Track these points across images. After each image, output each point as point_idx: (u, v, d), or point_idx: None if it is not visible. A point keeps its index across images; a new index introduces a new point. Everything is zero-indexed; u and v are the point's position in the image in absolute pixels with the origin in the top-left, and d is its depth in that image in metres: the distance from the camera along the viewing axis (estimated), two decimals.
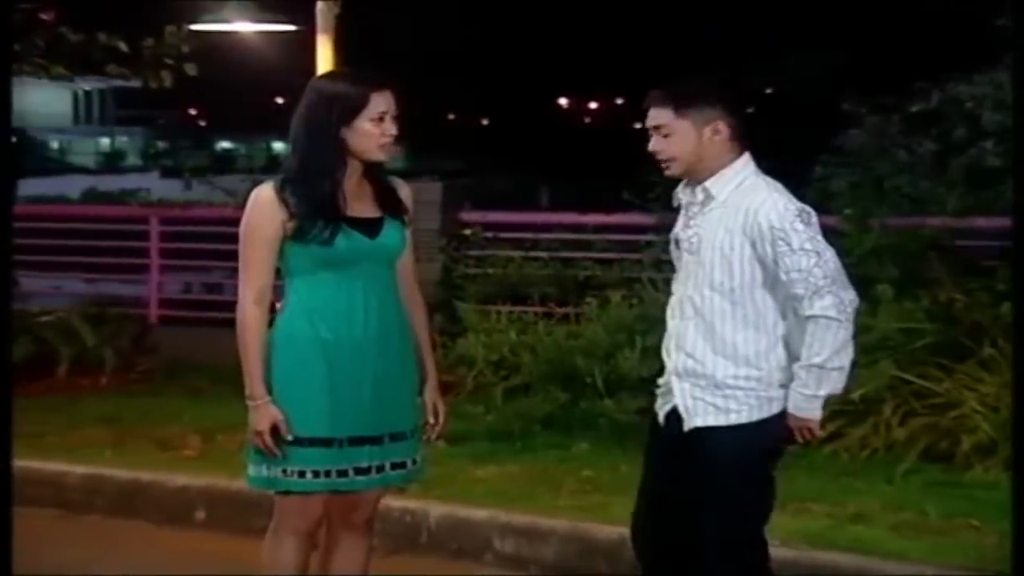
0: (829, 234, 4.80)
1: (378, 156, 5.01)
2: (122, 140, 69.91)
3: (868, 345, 8.36)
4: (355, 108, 4.92)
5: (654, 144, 4.88)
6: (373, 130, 4.94)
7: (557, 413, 8.89)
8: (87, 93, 68.39)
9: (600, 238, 10.77)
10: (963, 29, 11.32)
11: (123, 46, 10.72)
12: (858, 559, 6.48)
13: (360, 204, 5.01)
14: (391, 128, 4.98)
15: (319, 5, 8.30)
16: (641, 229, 10.08)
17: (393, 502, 7.16)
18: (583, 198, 15.49)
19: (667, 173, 4.94)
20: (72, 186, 26.10)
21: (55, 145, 67.37)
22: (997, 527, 6.60)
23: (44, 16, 10.88)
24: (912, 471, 7.75)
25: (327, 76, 5.22)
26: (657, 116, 4.86)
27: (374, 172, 5.07)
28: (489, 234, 10.87)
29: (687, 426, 4.87)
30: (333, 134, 4.92)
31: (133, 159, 64.65)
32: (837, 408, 8.18)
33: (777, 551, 6.42)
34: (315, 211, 4.91)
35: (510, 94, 60.00)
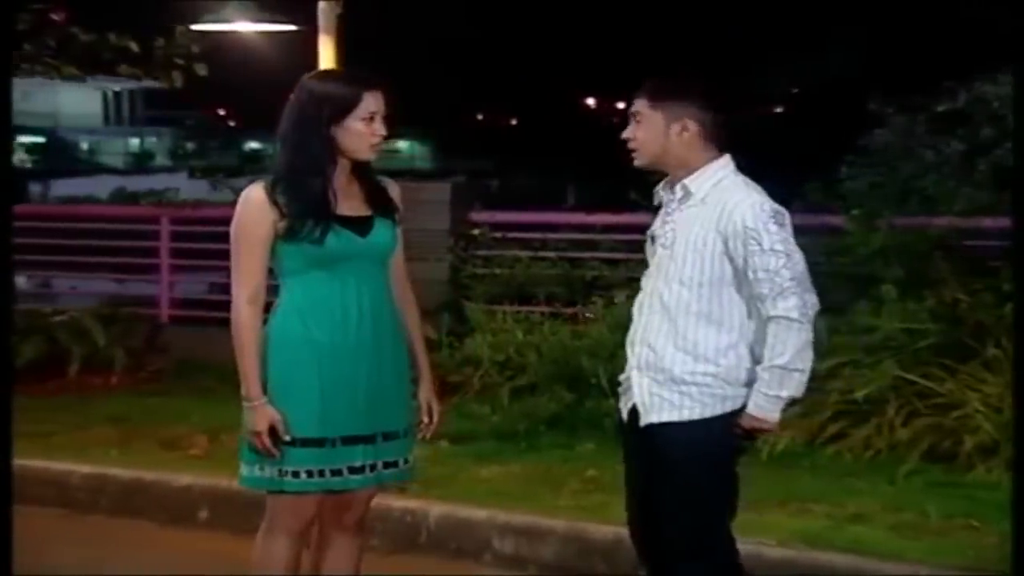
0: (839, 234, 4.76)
1: (369, 155, 5.03)
2: (151, 140, 70.18)
3: (872, 345, 8.39)
4: (346, 107, 4.94)
5: (627, 131, 4.97)
6: (364, 130, 4.96)
7: (562, 413, 8.89)
8: (117, 94, 68.69)
9: (607, 238, 10.75)
10: (989, 29, 11.28)
11: (134, 46, 10.74)
12: (854, 559, 6.47)
13: (350, 203, 5.03)
14: (381, 128, 5.00)
15: (320, 4, 8.30)
16: (647, 229, 10.06)
17: (394, 502, 7.20)
18: (610, 197, 15.46)
19: (635, 163, 4.99)
20: (102, 186, 26.19)
21: (85, 146, 67.70)
22: (997, 527, 6.58)
23: (55, 16, 10.89)
24: (914, 471, 7.73)
25: (318, 75, 5.21)
26: (636, 104, 4.94)
27: (363, 171, 5.09)
28: (498, 234, 10.85)
29: (643, 421, 4.90)
30: (324, 133, 4.94)
31: (162, 159, 64.84)
32: (841, 408, 8.23)
33: (774, 551, 6.50)
34: (306, 210, 4.93)
35: (538, 94, 59.91)
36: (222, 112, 65.76)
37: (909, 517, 7.03)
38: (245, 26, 9.51)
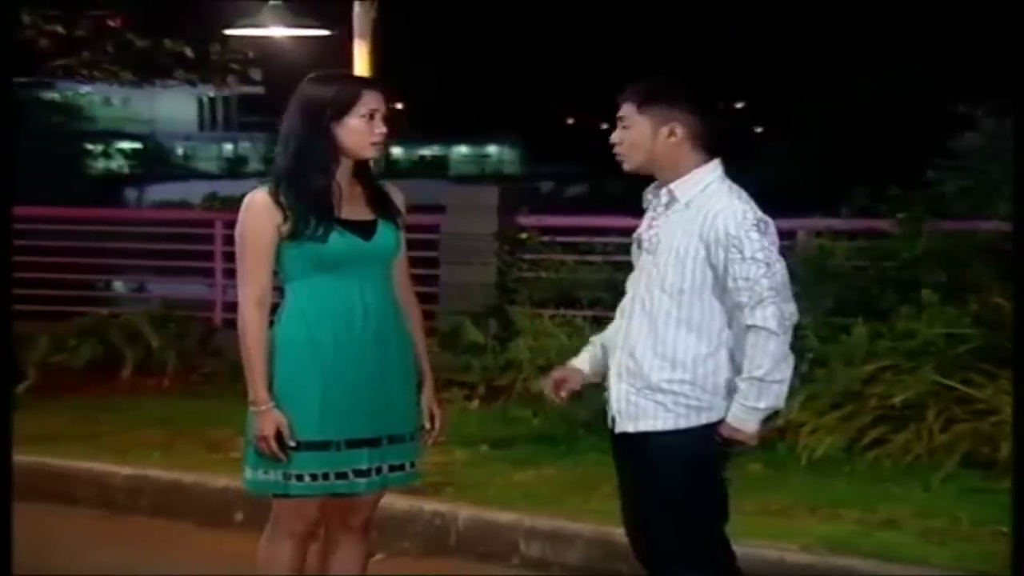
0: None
1: (369, 154, 5.06)
2: (245, 146, 70.71)
3: (912, 350, 8.29)
4: (346, 105, 4.98)
5: (614, 136, 4.91)
6: (364, 127, 4.99)
7: (601, 417, 8.83)
8: (211, 100, 69.34)
9: None
10: None
11: (188, 52, 10.82)
12: (876, 564, 6.44)
13: (353, 207, 5.05)
14: (381, 126, 5.03)
15: (355, 7, 8.28)
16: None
17: (424, 505, 7.23)
18: None
19: (624, 168, 4.94)
20: (195, 191, 26.54)
21: (181, 151, 68.37)
22: None
23: (112, 23, 10.99)
24: (951, 477, 7.66)
25: (317, 76, 5.23)
26: (623, 109, 4.88)
27: (365, 175, 5.12)
28: (545, 238, 10.82)
29: (618, 429, 4.90)
30: (326, 129, 4.97)
31: (256, 164, 65.32)
32: (880, 413, 8.15)
33: (796, 556, 6.48)
34: (309, 209, 4.96)
35: None
36: None
37: (940, 523, 6.98)
38: (279, 31, 9.49)
